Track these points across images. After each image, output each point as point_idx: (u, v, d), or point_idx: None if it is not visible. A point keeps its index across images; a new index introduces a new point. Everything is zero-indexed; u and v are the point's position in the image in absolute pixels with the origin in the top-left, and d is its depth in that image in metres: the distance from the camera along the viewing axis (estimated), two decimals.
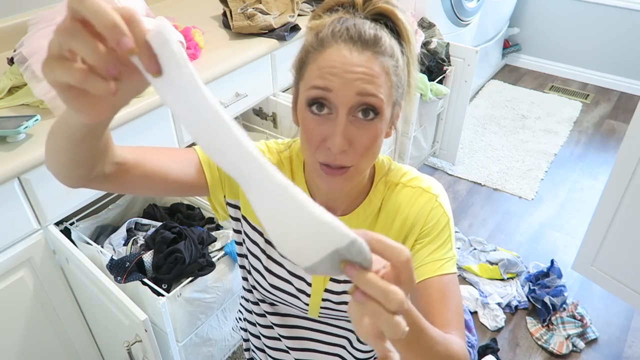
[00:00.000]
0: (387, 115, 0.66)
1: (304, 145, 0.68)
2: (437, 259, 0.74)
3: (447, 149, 2.71)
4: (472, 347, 1.76)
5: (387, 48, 0.64)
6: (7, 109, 1.26)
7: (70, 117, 0.50)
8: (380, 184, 0.78)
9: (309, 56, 0.66)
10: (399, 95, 0.68)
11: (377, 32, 0.63)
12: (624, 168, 1.59)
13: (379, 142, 0.67)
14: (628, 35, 3.31)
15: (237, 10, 1.68)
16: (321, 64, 0.63)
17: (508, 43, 3.71)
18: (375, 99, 0.63)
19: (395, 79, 0.65)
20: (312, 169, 0.69)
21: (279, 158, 0.81)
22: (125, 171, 0.65)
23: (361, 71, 0.62)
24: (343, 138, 0.63)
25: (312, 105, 0.64)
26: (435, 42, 2.32)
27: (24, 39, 1.27)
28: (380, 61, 0.63)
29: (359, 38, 0.62)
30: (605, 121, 3.19)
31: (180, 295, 1.22)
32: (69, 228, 1.36)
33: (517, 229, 2.36)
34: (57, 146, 0.56)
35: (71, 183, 0.62)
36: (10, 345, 1.28)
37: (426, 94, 2.15)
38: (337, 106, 0.63)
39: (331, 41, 0.63)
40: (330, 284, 0.81)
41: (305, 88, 0.66)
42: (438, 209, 0.76)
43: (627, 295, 1.75)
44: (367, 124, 0.64)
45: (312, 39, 0.66)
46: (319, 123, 0.65)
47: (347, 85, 0.61)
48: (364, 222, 0.78)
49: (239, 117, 1.93)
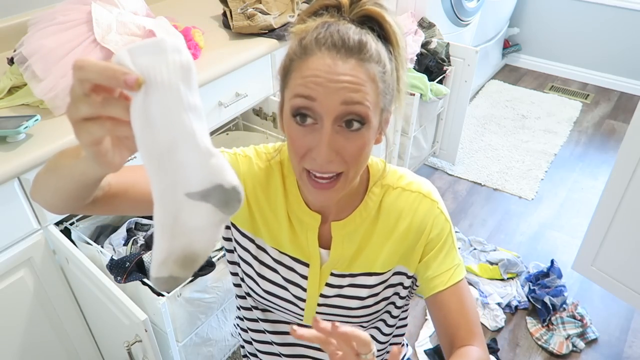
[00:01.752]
0: (375, 123, 0.65)
1: (291, 154, 0.67)
2: (447, 269, 0.76)
3: (447, 149, 2.71)
4: None
5: (373, 54, 0.62)
6: (7, 109, 1.26)
7: (88, 169, 0.52)
8: (375, 187, 0.77)
9: (292, 64, 0.64)
10: (387, 102, 0.66)
11: (362, 37, 0.61)
12: (624, 168, 1.59)
13: (367, 150, 0.66)
14: (628, 35, 3.31)
15: (237, 10, 1.68)
16: (304, 73, 0.62)
17: (508, 43, 3.71)
18: (361, 107, 0.61)
19: (383, 85, 0.63)
20: (300, 178, 0.68)
21: (268, 164, 0.80)
22: (112, 196, 0.65)
23: (346, 80, 0.60)
24: (328, 149, 0.62)
25: (297, 115, 0.63)
26: (435, 42, 2.32)
27: (24, 39, 1.27)
28: (366, 68, 0.61)
29: (342, 45, 0.60)
30: (605, 121, 3.19)
31: (180, 295, 1.22)
32: (69, 228, 1.36)
33: (517, 229, 2.36)
34: (60, 188, 0.57)
35: (61, 212, 0.63)
36: (10, 345, 1.28)
37: (426, 94, 2.15)
38: (322, 116, 0.61)
39: (314, 49, 0.61)
40: (325, 289, 0.81)
41: (289, 97, 0.64)
42: (440, 217, 0.77)
43: (627, 295, 1.75)
44: (354, 134, 0.63)
45: (296, 47, 0.64)
46: (304, 133, 0.63)
47: (332, 94, 0.60)
48: (361, 225, 0.78)
49: (239, 117, 1.93)
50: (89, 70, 0.40)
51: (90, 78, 0.40)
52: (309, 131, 0.63)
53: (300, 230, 0.79)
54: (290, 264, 0.81)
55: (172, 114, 0.43)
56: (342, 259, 0.79)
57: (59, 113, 1.23)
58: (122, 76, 0.39)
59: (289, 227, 0.79)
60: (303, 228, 0.79)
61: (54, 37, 1.24)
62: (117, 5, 1.34)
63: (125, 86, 0.40)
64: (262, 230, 0.81)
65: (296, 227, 0.79)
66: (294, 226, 0.79)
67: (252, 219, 0.81)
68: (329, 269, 0.80)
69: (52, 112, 1.22)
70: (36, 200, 0.63)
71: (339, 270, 0.80)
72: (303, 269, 0.81)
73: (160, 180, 0.47)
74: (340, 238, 0.78)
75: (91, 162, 0.49)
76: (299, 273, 0.81)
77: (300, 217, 0.78)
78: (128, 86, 0.40)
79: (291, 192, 0.79)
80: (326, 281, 0.80)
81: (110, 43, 1.25)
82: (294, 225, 0.79)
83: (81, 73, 0.40)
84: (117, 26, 1.28)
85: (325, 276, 0.80)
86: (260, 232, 0.81)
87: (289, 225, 0.79)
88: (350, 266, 0.79)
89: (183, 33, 1.49)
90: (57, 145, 1.14)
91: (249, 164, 0.80)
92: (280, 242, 0.81)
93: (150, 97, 0.42)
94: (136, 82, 0.40)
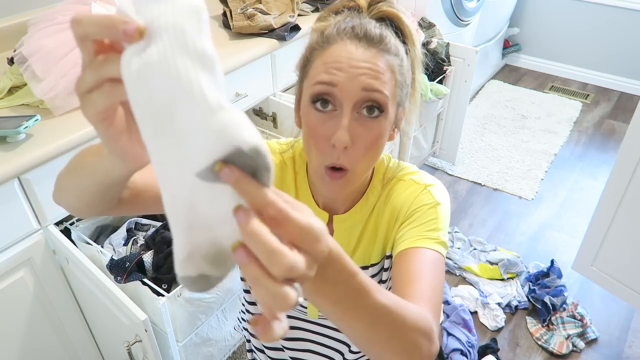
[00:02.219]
0: (392, 115, 0.66)
1: (308, 147, 0.67)
2: (418, 235, 0.69)
3: (447, 149, 2.71)
4: (472, 347, 1.76)
5: (392, 47, 0.64)
6: (7, 109, 1.26)
7: (112, 168, 0.49)
8: (377, 181, 0.78)
9: (313, 53, 0.66)
10: (403, 95, 0.68)
11: (382, 31, 0.64)
12: (624, 168, 1.59)
13: (381, 142, 0.66)
14: (628, 35, 3.31)
15: (237, 10, 1.68)
16: (326, 60, 0.63)
17: (508, 43, 3.71)
18: (380, 95, 0.62)
19: (400, 77, 0.66)
20: (316, 172, 0.68)
21: (281, 158, 0.80)
22: (136, 194, 0.64)
23: (366, 66, 0.62)
24: (347, 133, 0.62)
25: (317, 102, 0.64)
26: (435, 42, 2.32)
27: (24, 39, 1.27)
28: (386, 58, 0.63)
29: (364, 35, 0.63)
30: (605, 121, 3.19)
31: (180, 295, 1.22)
32: (69, 228, 1.36)
33: (517, 229, 2.36)
34: (83, 189, 0.55)
35: (86, 216, 0.62)
36: (10, 345, 1.28)
37: (426, 94, 2.15)
38: (342, 101, 0.62)
39: (336, 37, 0.64)
40: None
41: (309, 84, 0.65)
42: (425, 195, 0.74)
43: (627, 295, 1.75)
44: (372, 122, 0.64)
45: (318, 37, 0.66)
46: (324, 120, 0.64)
47: (352, 80, 0.61)
48: (361, 220, 0.78)
49: None
50: (86, 23, 0.36)
51: (89, 32, 0.36)
52: (328, 118, 0.64)
53: None
54: None
55: (171, 60, 0.34)
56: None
57: (59, 113, 1.23)
58: (121, 25, 0.35)
59: None
60: None
61: (54, 37, 1.24)
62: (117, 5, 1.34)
63: (124, 37, 0.35)
64: None
65: None
66: None
67: None
68: None
69: (52, 112, 1.22)
70: (59, 203, 0.61)
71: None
72: None
73: (163, 151, 0.36)
74: (341, 231, 0.79)
75: (113, 157, 0.46)
76: None
77: None
78: (128, 36, 0.35)
79: (301, 188, 0.79)
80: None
81: None
82: None
83: (79, 28, 0.36)
84: None
85: None
86: None
87: None
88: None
89: None
90: (57, 145, 1.14)
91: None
92: None
93: (150, 46, 0.35)
94: (137, 30, 0.35)
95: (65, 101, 1.22)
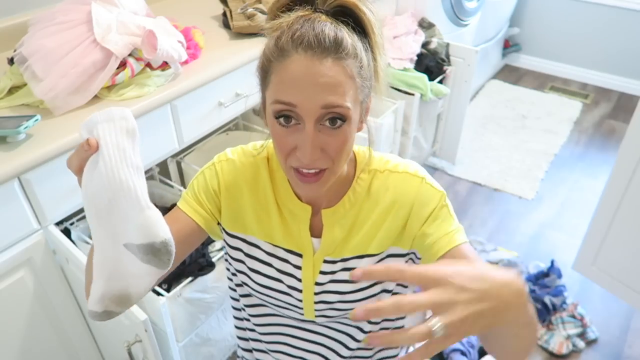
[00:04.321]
0: (356, 117, 0.67)
1: (276, 152, 0.69)
2: (446, 233, 0.74)
3: (447, 149, 2.70)
4: (472, 347, 1.76)
5: (350, 49, 0.62)
6: (7, 109, 1.26)
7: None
8: (363, 173, 0.79)
9: (270, 65, 0.65)
10: (365, 94, 0.68)
11: (338, 33, 0.62)
12: (624, 168, 1.59)
13: (349, 143, 0.68)
14: (628, 35, 3.31)
15: (237, 10, 1.68)
16: (283, 77, 0.63)
17: (508, 43, 3.71)
18: (341, 109, 0.63)
19: (360, 80, 0.65)
20: (287, 175, 0.71)
21: (253, 160, 0.82)
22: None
23: (324, 82, 0.61)
24: (313, 148, 0.64)
25: (279, 117, 0.65)
26: (435, 42, 2.31)
27: (24, 39, 1.27)
28: (343, 66, 0.62)
29: (318, 45, 0.61)
30: (605, 121, 3.19)
31: (181, 295, 1.22)
32: (69, 228, 1.36)
33: (517, 229, 2.36)
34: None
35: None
36: (10, 345, 1.28)
37: (426, 94, 2.15)
38: (304, 118, 0.63)
39: (291, 50, 0.62)
40: (320, 277, 0.81)
41: (270, 100, 0.66)
42: (428, 190, 0.77)
43: (627, 295, 1.75)
44: (336, 131, 0.65)
45: (273, 47, 0.65)
46: (288, 133, 0.65)
47: (311, 98, 0.61)
48: (350, 210, 0.79)
49: (238, 117, 1.93)
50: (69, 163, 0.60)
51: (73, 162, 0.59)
52: (292, 131, 0.65)
53: (292, 222, 0.80)
54: (283, 255, 0.82)
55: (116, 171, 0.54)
56: (333, 245, 0.80)
57: (59, 113, 1.23)
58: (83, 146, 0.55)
59: (280, 220, 0.81)
60: (295, 220, 0.80)
61: (54, 37, 1.24)
62: (117, 5, 1.34)
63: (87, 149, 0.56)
64: (253, 227, 0.82)
65: (288, 219, 0.81)
66: (285, 218, 0.81)
67: (240, 218, 0.82)
68: (321, 256, 0.81)
69: (52, 112, 1.22)
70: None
71: (331, 256, 0.81)
72: (297, 260, 0.82)
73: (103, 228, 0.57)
74: (331, 225, 0.79)
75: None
76: (293, 264, 0.82)
77: (291, 209, 0.80)
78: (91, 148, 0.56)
79: (281, 185, 0.80)
80: (320, 269, 0.81)
81: (110, 43, 1.25)
82: (286, 218, 0.81)
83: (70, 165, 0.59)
84: (117, 26, 1.28)
85: (318, 264, 0.81)
86: (251, 230, 0.82)
87: (280, 218, 0.81)
88: (342, 251, 0.80)
89: (183, 33, 1.49)
90: (57, 145, 1.14)
91: (232, 167, 0.82)
92: (272, 236, 0.82)
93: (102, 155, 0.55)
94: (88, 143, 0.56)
95: (65, 101, 1.22)
